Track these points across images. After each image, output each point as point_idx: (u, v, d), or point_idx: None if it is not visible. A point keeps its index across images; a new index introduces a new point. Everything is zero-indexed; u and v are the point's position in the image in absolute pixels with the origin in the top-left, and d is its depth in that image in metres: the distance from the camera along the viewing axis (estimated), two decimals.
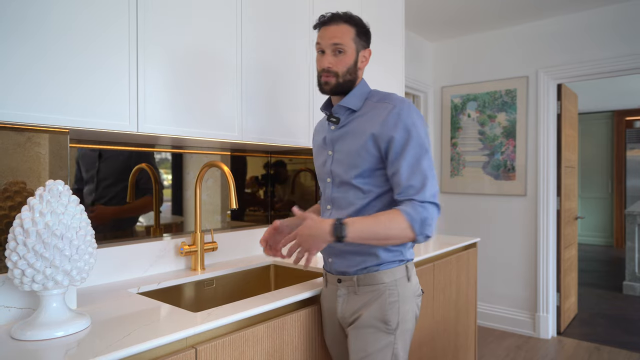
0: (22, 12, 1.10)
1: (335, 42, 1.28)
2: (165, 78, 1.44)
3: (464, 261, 2.38)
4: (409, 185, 1.22)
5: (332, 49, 1.30)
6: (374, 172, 1.28)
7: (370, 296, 1.28)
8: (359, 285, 1.29)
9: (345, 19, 1.30)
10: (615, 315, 4.12)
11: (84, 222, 1.08)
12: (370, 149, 1.26)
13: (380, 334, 1.25)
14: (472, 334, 2.52)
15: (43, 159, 1.17)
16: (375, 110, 1.29)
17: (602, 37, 3.28)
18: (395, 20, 2.62)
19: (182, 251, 1.70)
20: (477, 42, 3.86)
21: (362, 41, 1.33)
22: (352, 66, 1.31)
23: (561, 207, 3.59)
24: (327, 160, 1.38)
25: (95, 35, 1.25)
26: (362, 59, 1.35)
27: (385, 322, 1.25)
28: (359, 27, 1.32)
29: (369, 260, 1.28)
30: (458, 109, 3.98)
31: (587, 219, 7.87)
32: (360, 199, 1.29)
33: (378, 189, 1.29)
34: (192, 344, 1.07)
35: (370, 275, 1.28)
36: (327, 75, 1.31)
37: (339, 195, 1.34)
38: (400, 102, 1.27)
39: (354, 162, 1.29)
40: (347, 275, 1.31)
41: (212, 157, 1.97)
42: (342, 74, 1.30)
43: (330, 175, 1.36)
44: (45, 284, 1.02)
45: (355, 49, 1.31)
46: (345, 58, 1.30)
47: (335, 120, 1.35)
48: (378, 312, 1.26)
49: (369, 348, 1.24)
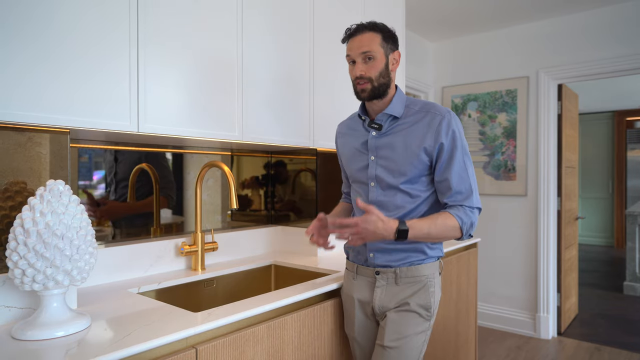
0: (27, 14, 1.10)
1: (364, 50, 1.35)
2: (166, 78, 1.44)
3: (465, 261, 2.38)
4: (458, 191, 1.34)
5: (362, 57, 1.36)
6: (420, 179, 1.38)
7: (415, 286, 1.39)
8: (401, 277, 1.39)
9: (370, 28, 1.36)
10: (616, 316, 4.12)
11: (84, 222, 1.09)
12: (422, 159, 1.35)
13: (421, 319, 1.37)
14: (473, 334, 2.52)
15: (44, 159, 1.18)
16: (424, 120, 1.37)
17: (603, 37, 3.28)
18: (396, 20, 2.62)
19: (183, 251, 1.71)
20: (478, 42, 3.86)
21: (389, 45, 1.38)
22: (384, 69, 1.37)
23: (562, 207, 3.59)
24: (370, 165, 1.43)
25: (97, 38, 1.25)
26: (393, 62, 1.40)
27: (427, 309, 1.38)
28: (385, 32, 1.37)
29: (413, 256, 1.40)
30: (459, 109, 3.98)
31: (587, 219, 7.87)
32: (409, 202, 1.39)
33: (424, 193, 1.39)
34: (192, 343, 1.07)
35: (414, 268, 1.39)
36: (362, 83, 1.37)
37: (385, 199, 1.41)
38: (448, 113, 1.36)
39: (404, 169, 1.37)
40: (388, 268, 1.40)
41: (213, 157, 1.97)
42: (375, 78, 1.36)
43: (375, 179, 1.42)
44: (46, 284, 1.02)
45: (384, 53, 1.37)
46: (375, 63, 1.36)
47: (377, 127, 1.41)
48: (423, 300, 1.38)
49: (408, 330, 1.35)
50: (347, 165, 1.54)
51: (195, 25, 1.53)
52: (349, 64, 1.41)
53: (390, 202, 1.40)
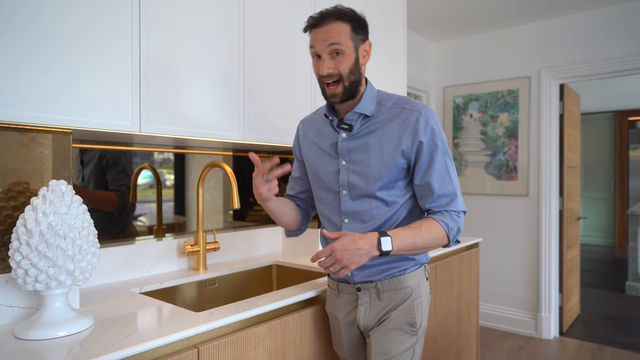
0: (35, 14, 1.10)
1: (331, 43, 1.16)
2: (167, 78, 1.45)
3: (466, 261, 2.38)
4: (441, 195, 1.21)
5: (329, 51, 1.17)
6: (396, 183, 1.24)
7: (397, 300, 1.26)
8: (384, 291, 1.27)
9: (338, 16, 1.17)
10: (618, 316, 4.11)
11: (86, 222, 1.09)
12: (398, 162, 1.21)
13: (405, 336, 1.25)
14: (474, 334, 2.52)
15: (46, 159, 1.18)
16: (399, 118, 1.22)
17: (605, 37, 3.27)
18: (397, 19, 2.62)
19: (185, 251, 1.71)
20: (479, 42, 3.86)
21: (360, 35, 1.20)
22: (354, 65, 1.19)
23: (563, 207, 3.58)
24: (342, 171, 1.27)
25: (101, 42, 1.26)
26: (364, 54, 1.23)
27: (412, 325, 1.26)
28: (354, 21, 1.19)
29: (394, 267, 1.27)
30: (460, 109, 3.97)
31: (589, 219, 7.85)
32: (385, 211, 1.25)
33: (401, 199, 1.26)
34: (194, 343, 1.07)
35: (396, 280, 1.26)
36: (331, 84, 1.20)
37: (359, 208, 1.26)
38: (424, 108, 1.22)
39: (379, 174, 1.22)
40: (369, 283, 1.28)
41: (215, 157, 1.97)
42: (346, 76, 1.18)
43: (347, 187, 1.27)
44: (48, 284, 1.02)
45: (354, 46, 1.19)
46: (345, 59, 1.18)
47: (347, 127, 1.25)
48: (406, 315, 1.25)
49: (392, 350, 1.24)
50: (313, 169, 1.36)
51: (196, 26, 1.53)
52: (313, 57, 1.21)
53: (364, 212, 1.25)
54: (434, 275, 2.04)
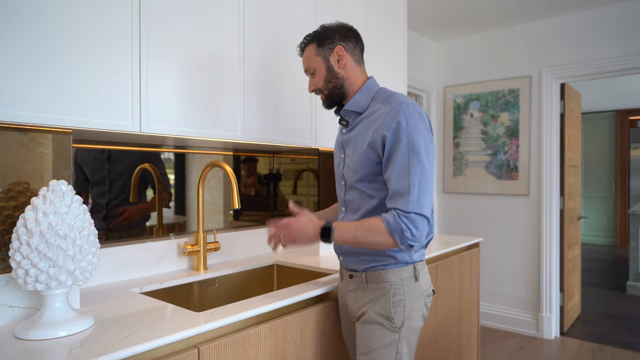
0: (36, 15, 1.10)
1: (306, 68, 1.40)
2: (168, 78, 1.45)
3: (467, 261, 2.38)
4: (395, 191, 1.20)
5: (309, 74, 1.40)
6: (377, 178, 1.28)
7: (377, 293, 1.30)
8: (368, 282, 1.32)
9: (307, 41, 1.38)
10: (619, 316, 4.11)
11: (87, 222, 1.09)
12: (369, 155, 1.26)
13: (385, 330, 1.26)
14: (475, 334, 2.52)
15: (46, 159, 1.18)
16: (377, 113, 1.27)
17: (606, 36, 3.27)
18: (397, 19, 2.61)
19: (185, 251, 1.71)
20: (480, 41, 3.85)
21: (325, 48, 1.35)
22: (328, 74, 1.35)
23: (564, 206, 3.58)
24: (340, 164, 1.40)
25: (102, 42, 1.26)
26: (337, 59, 1.35)
27: (389, 319, 1.27)
28: (318, 38, 1.36)
29: (376, 260, 1.30)
30: (461, 109, 3.97)
31: (590, 219, 7.85)
32: (366, 203, 1.31)
33: (381, 194, 1.28)
34: (194, 343, 1.07)
35: (377, 274, 1.30)
36: (320, 96, 1.42)
37: (350, 198, 1.36)
38: (399, 104, 1.23)
39: (356, 167, 1.31)
40: (357, 272, 1.35)
41: (215, 157, 1.97)
42: (323, 87, 1.37)
43: (343, 178, 1.39)
44: (49, 284, 1.02)
45: (322, 58, 1.35)
46: (318, 75, 1.37)
47: (345, 123, 1.39)
48: (383, 309, 1.27)
49: (373, 344, 1.27)
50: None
51: (198, 26, 1.53)
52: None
53: (353, 202, 1.35)
54: (434, 275, 2.04)
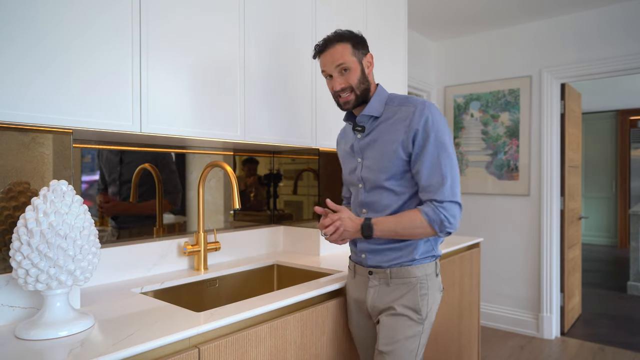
0: (32, 13, 1.10)
1: (338, 64, 1.36)
2: (169, 78, 1.45)
3: (467, 261, 2.38)
4: (428, 184, 1.30)
5: (338, 71, 1.37)
6: (405, 175, 1.36)
7: (404, 288, 1.36)
8: (392, 278, 1.37)
9: (337, 39, 1.37)
10: (620, 316, 4.10)
11: (87, 222, 1.09)
12: (399, 154, 1.33)
13: (412, 322, 1.34)
14: (475, 334, 2.52)
15: (47, 159, 1.18)
16: (399, 114, 1.36)
17: (607, 36, 3.27)
18: (398, 19, 2.61)
19: (185, 251, 1.71)
20: (480, 41, 3.85)
21: (361, 50, 1.39)
22: (361, 76, 1.38)
23: (565, 207, 3.58)
24: (357, 168, 1.45)
25: (101, 41, 1.26)
26: (367, 65, 1.41)
27: (417, 312, 1.34)
28: (353, 40, 1.38)
29: (403, 257, 1.37)
30: (461, 109, 3.97)
31: (591, 219, 7.84)
32: (395, 201, 1.37)
33: (410, 189, 1.37)
34: (195, 343, 1.07)
35: (404, 269, 1.37)
36: (344, 95, 1.39)
37: (372, 199, 1.41)
38: (421, 103, 1.33)
39: (385, 166, 1.36)
40: (379, 269, 1.39)
41: (215, 157, 1.97)
42: (356, 86, 1.38)
43: (362, 181, 1.43)
44: (49, 284, 1.02)
45: (358, 60, 1.38)
46: (352, 73, 1.37)
47: (360, 129, 1.43)
48: (411, 302, 1.35)
49: (398, 335, 1.33)
50: (343, 170, 1.57)
51: (198, 26, 1.53)
52: (326, 78, 1.43)
53: (377, 202, 1.40)
54: None
